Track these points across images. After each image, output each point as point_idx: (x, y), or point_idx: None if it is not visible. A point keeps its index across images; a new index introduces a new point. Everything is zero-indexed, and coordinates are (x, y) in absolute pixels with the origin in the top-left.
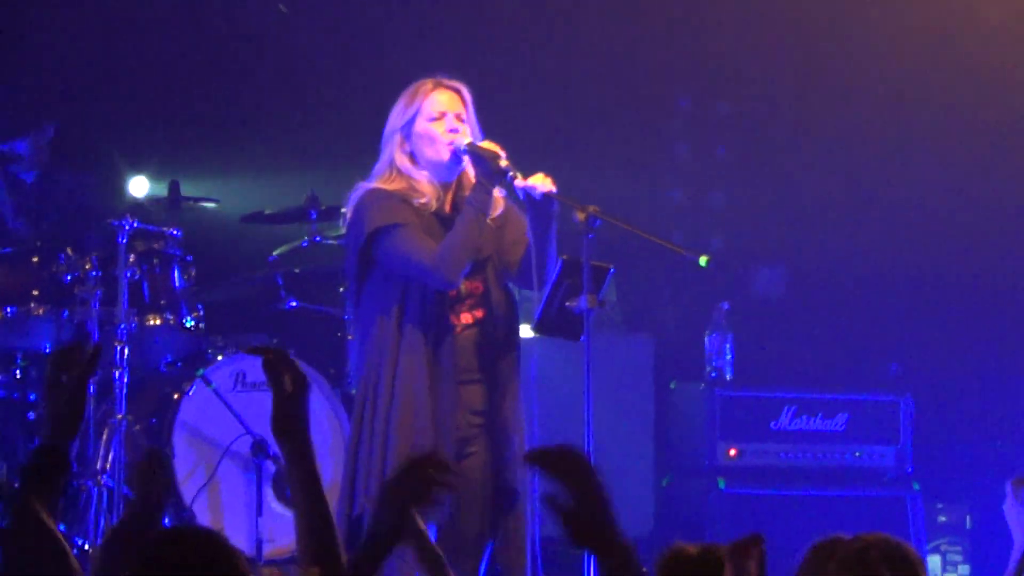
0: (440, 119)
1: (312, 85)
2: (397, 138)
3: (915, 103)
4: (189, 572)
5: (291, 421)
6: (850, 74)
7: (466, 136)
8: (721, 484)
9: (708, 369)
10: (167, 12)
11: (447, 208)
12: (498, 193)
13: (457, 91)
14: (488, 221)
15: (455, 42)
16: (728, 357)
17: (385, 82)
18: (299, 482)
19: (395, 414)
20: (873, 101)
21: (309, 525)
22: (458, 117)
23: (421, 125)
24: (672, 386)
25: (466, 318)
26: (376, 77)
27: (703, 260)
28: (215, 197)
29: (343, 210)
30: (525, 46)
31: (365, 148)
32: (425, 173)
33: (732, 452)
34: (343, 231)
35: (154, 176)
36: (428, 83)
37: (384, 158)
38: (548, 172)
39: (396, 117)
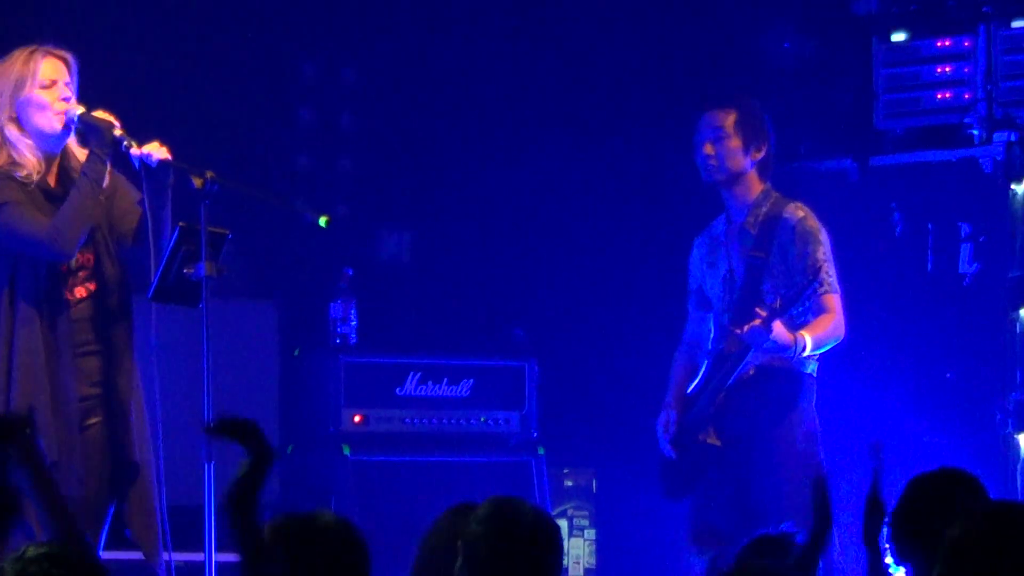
0: (51, 87)
1: None
2: (4, 107)
3: (536, 67)
4: None
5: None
6: (470, 40)
7: (76, 105)
8: (346, 451)
9: (333, 335)
10: None
11: (51, 180)
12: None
13: (64, 59)
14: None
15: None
16: (353, 323)
17: None
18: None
19: (14, 392)
20: (494, 64)
21: None
22: (67, 85)
23: (31, 93)
24: (296, 353)
25: (80, 291)
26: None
27: (323, 220)
28: None
29: None
30: (139, 6)
31: None
32: (29, 143)
33: (357, 419)
34: None
35: None
36: (37, 51)
37: None
38: (164, 140)
39: (2, 85)
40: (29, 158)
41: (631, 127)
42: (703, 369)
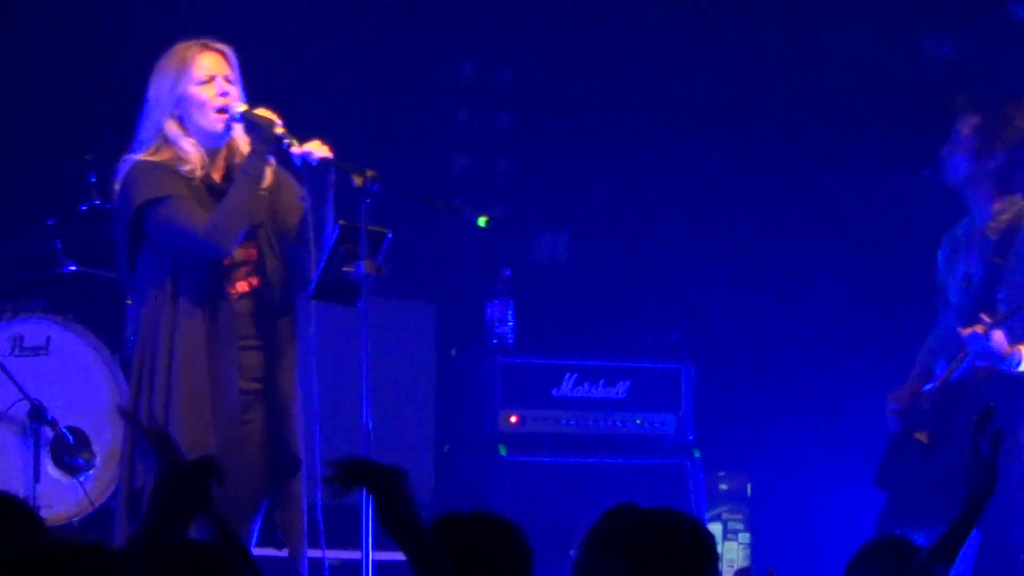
0: (209, 83)
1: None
2: (166, 105)
3: (694, 62)
4: None
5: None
6: (631, 39)
7: (236, 99)
8: (502, 451)
9: (490, 336)
10: None
11: (217, 176)
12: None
13: (223, 53)
14: (261, 189)
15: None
16: (510, 324)
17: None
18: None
19: (175, 384)
20: (655, 64)
21: None
22: (226, 79)
23: (191, 90)
24: (452, 353)
25: (242, 286)
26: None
27: (482, 221)
28: None
29: (115, 185)
30: (310, 10)
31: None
32: (193, 140)
33: (513, 419)
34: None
35: None
36: (193, 46)
37: (149, 126)
38: (325, 139)
39: (163, 83)
40: (193, 154)
41: (785, 124)
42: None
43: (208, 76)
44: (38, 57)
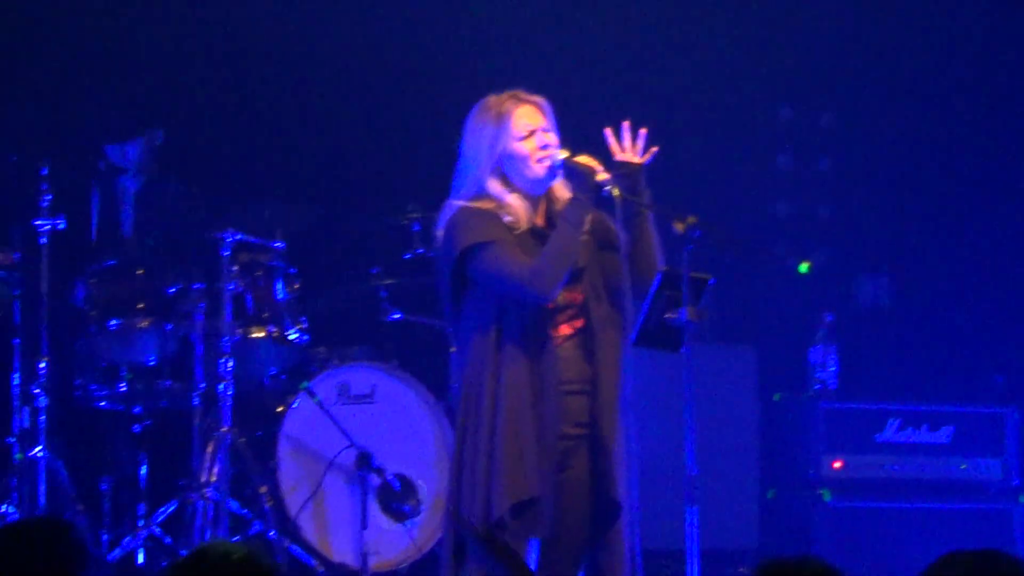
0: (530, 137)
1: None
2: (486, 162)
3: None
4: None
5: None
6: (949, 81)
7: (556, 148)
8: (826, 496)
9: (812, 381)
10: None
11: (540, 221)
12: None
13: (537, 104)
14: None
15: (546, 48)
16: (832, 369)
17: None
18: None
19: (499, 428)
20: (973, 106)
21: None
22: (544, 131)
23: (512, 146)
24: (776, 398)
25: (565, 329)
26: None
27: (804, 267)
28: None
29: (437, 231)
30: (626, 55)
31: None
32: (517, 194)
33: (837, 464)
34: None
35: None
36: (507, 100)
37: (470, 181)
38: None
39: (482, 140)
40: (516, 208)
41: None
42: None
43: (528, 131)
44: (361, 111)
